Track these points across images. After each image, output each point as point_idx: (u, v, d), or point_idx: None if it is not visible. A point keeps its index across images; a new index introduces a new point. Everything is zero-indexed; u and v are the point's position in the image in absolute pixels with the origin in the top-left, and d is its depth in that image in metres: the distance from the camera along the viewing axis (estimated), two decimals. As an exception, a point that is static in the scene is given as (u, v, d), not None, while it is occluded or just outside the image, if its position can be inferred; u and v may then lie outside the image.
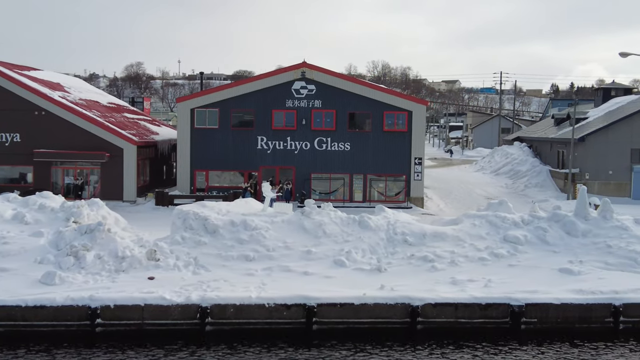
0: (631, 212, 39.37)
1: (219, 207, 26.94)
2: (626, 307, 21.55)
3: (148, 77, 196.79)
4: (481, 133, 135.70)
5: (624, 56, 29.10)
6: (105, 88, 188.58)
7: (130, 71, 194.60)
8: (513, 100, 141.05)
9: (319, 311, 20.90)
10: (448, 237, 25.89)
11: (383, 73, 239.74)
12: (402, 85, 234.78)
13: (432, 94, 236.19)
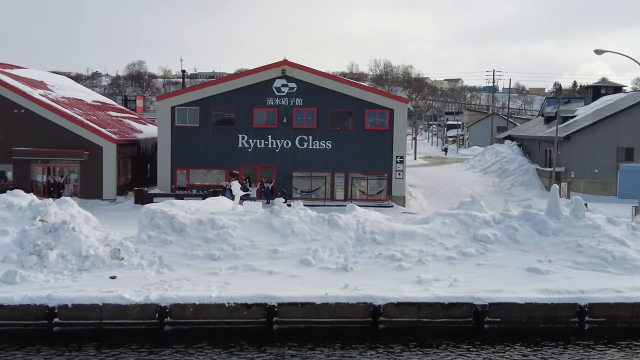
0: (616, 212, 39.19)
1: (188, 205, 26.73)
2: (592, 307, 21.33)
3: (150, 75, 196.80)
4: (477, 132, 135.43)
5: (599, 53, 28.82)
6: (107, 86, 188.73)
7: (132, 70, 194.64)
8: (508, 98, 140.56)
9: (279, 311, 20.69)
10: (417, 236, 25.66)
11: (385, 72, 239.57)
12: (404, 83, 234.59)
13: (434, 93, 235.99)
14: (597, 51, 28.91)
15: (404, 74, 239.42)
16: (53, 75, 57.23)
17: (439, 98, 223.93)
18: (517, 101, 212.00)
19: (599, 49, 28.35)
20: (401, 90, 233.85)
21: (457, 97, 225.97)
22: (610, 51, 29.50)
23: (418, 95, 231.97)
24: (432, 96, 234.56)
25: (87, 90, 61.80)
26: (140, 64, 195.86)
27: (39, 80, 49.03)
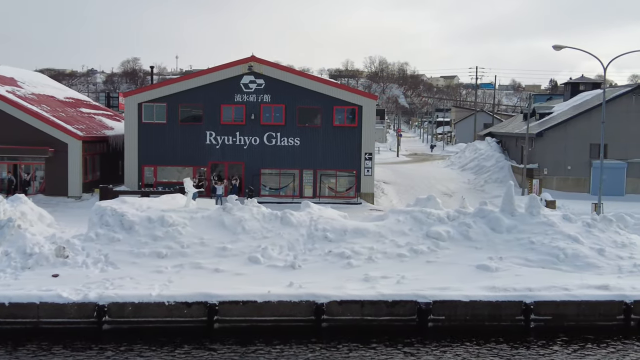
0: (586, 208, 39.14)
1: (140, 203, 26.44)
2: (537, 305, 21.13)
3: (145, 72, 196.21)
4: (463, 128, 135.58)
5: (557, 49, 28.57)
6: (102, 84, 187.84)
7: (127, 67, 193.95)
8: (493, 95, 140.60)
9: (220, 309, 20.43)
10: (369, 233, 25.42)
11: (380, 68, 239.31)
12: (399, 80, 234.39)
13: (430, 90, 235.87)
14: (555, 47, 28.65)
15: (400, 71, 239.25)
16: (26, 72, 56.70)
17: (434, 95, 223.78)
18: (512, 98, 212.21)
19: (558, 44, 28.09)
20: (396, 87, 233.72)
21: (452, 94, 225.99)
22: (569, 47, 29.30)
23: (413, 92, 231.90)
24: (427, 93, 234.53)
25: (61, 87, 61.31)
26: (135, 61, 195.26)
27: (9, 77, 48.57)
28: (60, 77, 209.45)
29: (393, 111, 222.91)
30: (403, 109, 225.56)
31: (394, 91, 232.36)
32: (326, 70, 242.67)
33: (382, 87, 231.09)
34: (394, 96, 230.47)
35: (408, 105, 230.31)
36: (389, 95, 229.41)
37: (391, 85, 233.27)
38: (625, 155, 49.16)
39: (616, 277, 23.23)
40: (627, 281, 22.81)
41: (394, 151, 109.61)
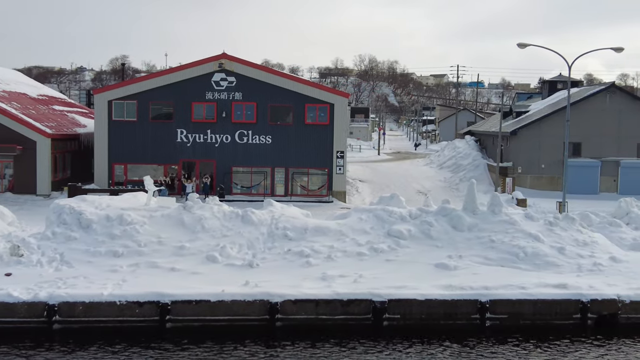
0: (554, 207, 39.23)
1: (99, 201, 26.13)
2: (493, 303, 21.03)
3: (133, 70, 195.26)
4: (447, 127, 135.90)
5: (521, 47, 28.53)
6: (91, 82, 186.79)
7: (115, 64, 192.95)
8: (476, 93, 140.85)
9: (173, 309, 20.19)
10: (330, 231, 25.26)
11: (370, 67, 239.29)
12: (389, 79, 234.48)
13: (420, 88, 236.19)
14: (519, 45, 28.60)
15: (389, 70, 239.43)
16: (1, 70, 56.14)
17: (424, 93, 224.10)
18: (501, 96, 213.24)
19: (522, 42, 28.05)
20: (386, 85, 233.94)
21: (441, 92, 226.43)
22: (534, 45, 29.19)
23: (403, 91, 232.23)
24: (417, 92, 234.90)
25: (36, 84, 60.75)
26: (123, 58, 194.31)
27: (-20, 74, 48.13)
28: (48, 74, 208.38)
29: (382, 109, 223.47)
30: (392, 108, 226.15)
31: (383, 89, 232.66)
32: (316, 68, 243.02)
33: (371, 86, 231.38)
34: (384, 95, 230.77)
35: (397, 104, 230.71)
36: (379, 94, 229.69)
37: (381, 84, 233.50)
38: (599, 154, 49.34)
39: (575, 275, 23.20)
40: (585, 280, 22.77)
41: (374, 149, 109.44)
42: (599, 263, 24.07)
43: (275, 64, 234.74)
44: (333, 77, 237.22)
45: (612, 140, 49.11)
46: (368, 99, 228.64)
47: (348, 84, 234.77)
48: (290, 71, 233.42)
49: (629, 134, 48.90)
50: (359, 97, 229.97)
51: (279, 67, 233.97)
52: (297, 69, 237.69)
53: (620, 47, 29.21)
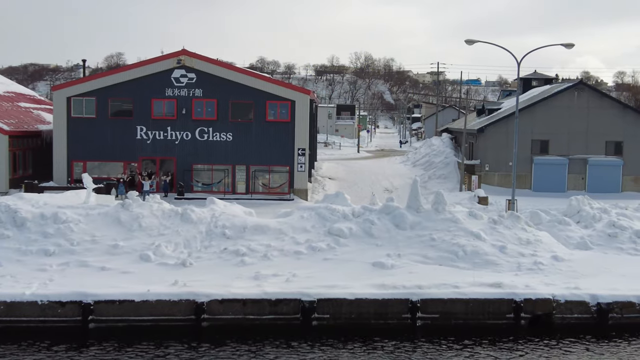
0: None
1: (37, 198, 25.73)
2: (424, 302, 20.72)
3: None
4: (432, 124, 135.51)
5: (469, 43, 28.16)
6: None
7: (111, 62, 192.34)
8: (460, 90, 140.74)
9: (96, 308, 19.81)
10: (270, 230, 24.93)
11: (366, 64, 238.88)
12: (385, 76, 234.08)
13: (416, 86, 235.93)
14: (467, 41, 28.22)
15: (385, 67, 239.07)
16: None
17: (420, 91, 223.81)
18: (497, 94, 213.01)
19: (470, 39, 27.70)
20: (382, 83, 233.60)
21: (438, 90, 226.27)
22: (482, 41, 28.88)
23: (399, 89, 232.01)
24: (413, 89, 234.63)
25: (5, 81, 59.83)
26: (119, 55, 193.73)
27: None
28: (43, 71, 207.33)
29: (377, 107, 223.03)
30: (388, 105, 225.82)
31: (379, 87, 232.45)
32: (312, 65, 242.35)
33: (367, 83, 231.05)
34: (379, 92, 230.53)
35: (393, 102, 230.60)
36: (375, 91, 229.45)
37: (376, 81, 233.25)
38: (567, 151, 49.12)
39: (513, 274, 22.94)
40: (523, 279, 22.51)
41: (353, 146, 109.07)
42: (540, 262, 23.83)
43: (271, 62, 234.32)
44: (329, 74, 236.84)
45: (581, 137, 48.89)
46: (363, 97, 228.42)
47: (344, 81, 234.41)
48: (286, 68, 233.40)
49: (597, 131, 48.69)
50: (355, 94, 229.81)
51: (275, 64, 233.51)
52: (292, 66, 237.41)
53: (571, 43, 28.91)
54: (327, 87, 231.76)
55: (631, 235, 26.87)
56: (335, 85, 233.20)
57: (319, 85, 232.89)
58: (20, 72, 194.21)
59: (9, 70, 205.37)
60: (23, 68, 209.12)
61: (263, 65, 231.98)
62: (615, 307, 21.15)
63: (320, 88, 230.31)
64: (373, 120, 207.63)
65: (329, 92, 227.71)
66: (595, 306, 21.13)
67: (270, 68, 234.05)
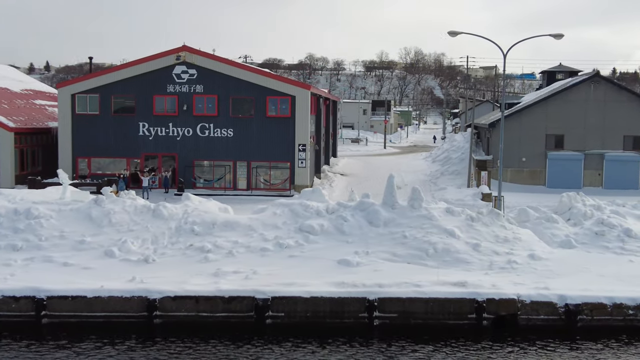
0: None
1: (14, 194, 26.01)
2: (381, 301, 20.16)
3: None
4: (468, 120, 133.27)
5: (452, 35, 27.32)
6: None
7: None
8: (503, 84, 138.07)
9: (48, 304, 19.88)
10: (240, 226, 24.67)
11: (416, 59, 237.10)
12: (435, 72, 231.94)
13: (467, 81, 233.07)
14: (450, 33, 27.39)
15: (436, 62, 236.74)
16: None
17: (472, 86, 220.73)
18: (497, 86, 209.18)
19: (453, 30, 26.85)
20: (432, 78, 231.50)
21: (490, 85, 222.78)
22: (466, 32, 27.97)
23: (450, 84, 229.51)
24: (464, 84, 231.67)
25: (25, 79, 61.25)
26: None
27: (-40, 69, 48.73)
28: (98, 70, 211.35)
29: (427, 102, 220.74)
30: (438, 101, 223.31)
31: (429, 82, 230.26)
32: (360, 61, 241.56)
33: (417, 79, 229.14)
34: (429, 87, 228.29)
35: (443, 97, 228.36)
36: (424, 87, 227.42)
37: (426, 77, 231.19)
38: (583, 147, 47.54)
39: (483, 273, 22.21)
40: (492, 278, 21.76)
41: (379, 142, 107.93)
42: (514, 261, 23.01)
43: (319, 58, 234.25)
44: (378, 70, 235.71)
45: (597, 132, 47.19)
46: (413, 92, 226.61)
47: (393, 77, 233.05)
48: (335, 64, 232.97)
49: (614, 125, 46.94)
50: (404, 90, 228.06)
51: (323, 60, 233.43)
52: (341, 63, 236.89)
53: (560, 34, 27.80)
54: (376, 83, 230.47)
55: (620, 233, 25.74)
56: (384, 81, 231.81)
57: (367, 81, 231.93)
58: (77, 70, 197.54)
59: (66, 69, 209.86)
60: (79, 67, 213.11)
61: (311, 61, 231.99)
62: (585, 309, 20.25)
63: (369, 84, 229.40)
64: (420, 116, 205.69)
65: (378, 88, 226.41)
66: (563, 307, 20.27)
67: (319, 64, 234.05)
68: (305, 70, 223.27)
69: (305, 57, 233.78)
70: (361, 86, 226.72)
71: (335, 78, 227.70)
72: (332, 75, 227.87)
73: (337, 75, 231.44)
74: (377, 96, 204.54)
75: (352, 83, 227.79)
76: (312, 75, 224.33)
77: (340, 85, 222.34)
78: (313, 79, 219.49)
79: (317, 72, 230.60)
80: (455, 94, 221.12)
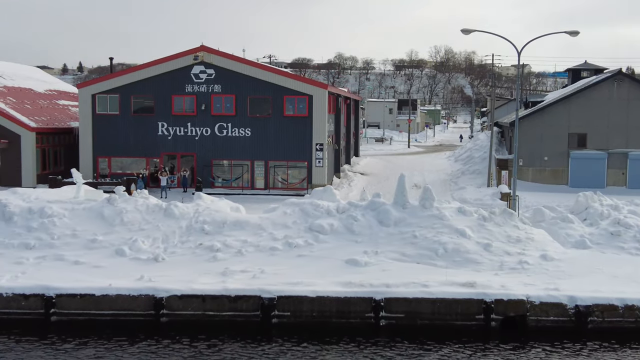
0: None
1: (29, 193, 26.37)
2: (388, 301, 20.05)
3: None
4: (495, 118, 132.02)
5: (466, 33, 27.01)
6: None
7: None
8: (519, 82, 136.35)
9: (57, 302, 20.12)
10: (249, 225, 24.71)
11: (446, 58, 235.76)
12: (466, 70, 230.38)
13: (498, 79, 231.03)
14: (463, 30, 27.07)
15: (466, 60, 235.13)
16: (14, 66, 57.68)
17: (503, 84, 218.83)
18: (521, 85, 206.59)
19: (466, 28, 26.51)
20: (462, 77, 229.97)
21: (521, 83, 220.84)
22: (479, 30, 27.66)
23: (480, 82, 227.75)
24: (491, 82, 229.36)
25: (50, 80, 62.16)
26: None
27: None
28: None
29: (457, 101, 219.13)
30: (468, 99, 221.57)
31: (459, 81, 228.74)
32: (390, 60, 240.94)
33: (447, 77, 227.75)
34: (459, 86, 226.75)
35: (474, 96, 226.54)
36: (454, 85, 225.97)
37: (457, 75, 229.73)
38: (606, 145, 46.74)
39: (493, 273, 21.95)
40: (502, 278, 21.50)
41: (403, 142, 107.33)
42: (525, 261, 22.71)
43: (349, 57, 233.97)
44: (407, 69, 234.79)
45: (621, 130, 46.35)
46: (443, 91, 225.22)
47: (422, 75, 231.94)
48: (364, 64, 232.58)
49: (638, 124, 46.08)
50: (434, 89, 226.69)
51: (352, 60, 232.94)
52: (370, 62, 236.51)
53: (576, 31, 27.32)
54: (405, 81, 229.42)
55: (636, 234, 25.27)
56: (414, 80, 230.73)
57: (397, 80, 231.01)
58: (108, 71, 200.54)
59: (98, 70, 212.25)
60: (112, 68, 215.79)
61: (341, 61, 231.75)
62: (596, 310, 19.91)
63: (399, 83, 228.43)
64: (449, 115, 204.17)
65: (408, 86, 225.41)
66: (573, 308, 19.95)
67: (348, 64, 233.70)
68: (334, 69, 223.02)
69: (335, 57, 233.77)
70: (390, 85, 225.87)
71: (365, 77, 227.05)
72: (361, 75, 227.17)
73: (366, 74, 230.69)
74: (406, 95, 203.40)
75: (381, 82, 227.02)
76: (341, 75, 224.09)
77: (370, 84, 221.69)
78: (342, 79, 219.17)
79: (346, 71, 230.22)
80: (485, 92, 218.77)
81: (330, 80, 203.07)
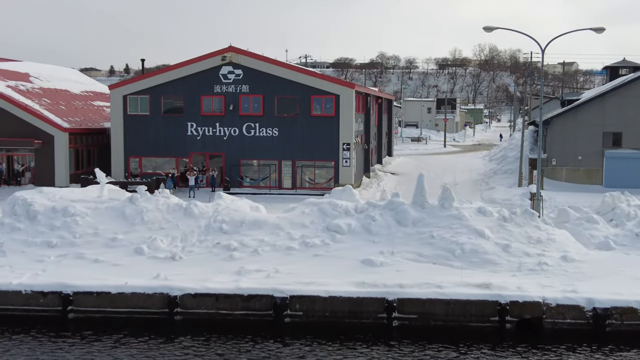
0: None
1: (54, 192, 26.89)
2: (400, 302, 19.93)
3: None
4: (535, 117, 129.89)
5: (488, 30, 26.59)
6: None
7: None
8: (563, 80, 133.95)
9: (74, 299, 20.51)
10: (267, 225, 24.78)
11: (490, 56, 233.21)
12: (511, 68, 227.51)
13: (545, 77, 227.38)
14: (485, 28, 26.65)
15: (511, 59, 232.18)
16: (50, 67, 58.95)
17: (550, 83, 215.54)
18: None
19: (488, 26, 26.08)
20: (507, 75, 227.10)
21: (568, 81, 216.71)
22: (501, 28, 27.15)
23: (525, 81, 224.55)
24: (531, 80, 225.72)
25: (87, 81, 63.26)
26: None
27: (24, 72, 50.75)
28: None
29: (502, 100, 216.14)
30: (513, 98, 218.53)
31: (504, 80, 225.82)
32: (433, 59, 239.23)
33: (491, 76, 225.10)
34: (504, 85, 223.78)
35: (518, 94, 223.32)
36: (499, 84, 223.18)
37: (501, 74, 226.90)
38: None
39: (511, 275, 21.60)
40: (519, 280, 21.16)
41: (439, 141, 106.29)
42: (544, 262, 22.28)
43: (391, 56, 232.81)
44: (451, 67, 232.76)
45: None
46: (487, 90, 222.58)
47: (466, 74, 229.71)
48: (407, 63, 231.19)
49: (676, 122, 44.90)
50: (478, 87, 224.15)
51: (395, 59, 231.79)
52: (413, 61, 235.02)
53: (601, 28, 26.68)
54: (448, 80, 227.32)
55: (663, 235, 24.57)
56: (457, 79, 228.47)
57: (440, 79, 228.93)
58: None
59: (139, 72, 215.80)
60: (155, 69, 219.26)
61: (383, 60, 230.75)
62: (614, 313, 19.46)
63: (442, 82, 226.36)
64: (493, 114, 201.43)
65: (451, 85, 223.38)
66: (591, 311, 19.53)
67: (391, 63, 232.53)
68: (377, 69, 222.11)
69: (377, 56, 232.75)
70: (433, 84, 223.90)
71: (407, 76, 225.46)
72: (404, 74, 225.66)
73: (409, 73, 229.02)
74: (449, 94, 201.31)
75: (424, 81, 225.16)
76: (383, 74, 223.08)
77: (412, 83, 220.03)
78: (384, 78, 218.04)
79: (388, 70, 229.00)
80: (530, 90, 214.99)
81: (372, 80, 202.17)
